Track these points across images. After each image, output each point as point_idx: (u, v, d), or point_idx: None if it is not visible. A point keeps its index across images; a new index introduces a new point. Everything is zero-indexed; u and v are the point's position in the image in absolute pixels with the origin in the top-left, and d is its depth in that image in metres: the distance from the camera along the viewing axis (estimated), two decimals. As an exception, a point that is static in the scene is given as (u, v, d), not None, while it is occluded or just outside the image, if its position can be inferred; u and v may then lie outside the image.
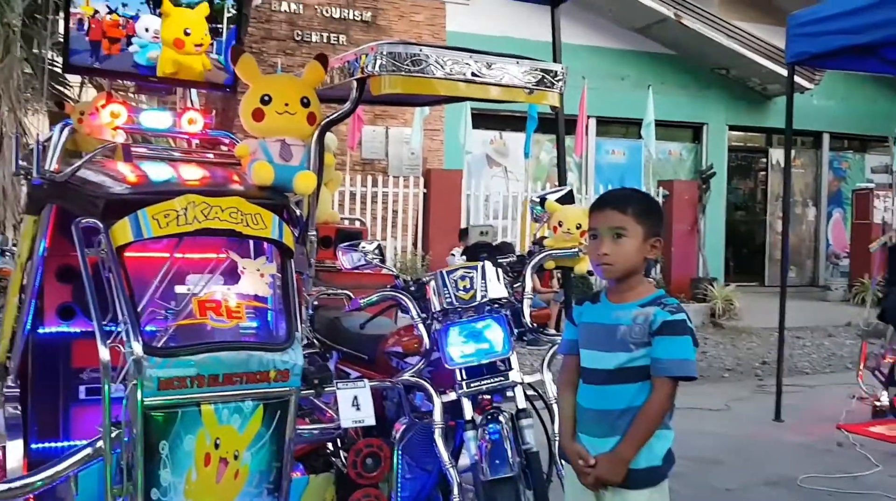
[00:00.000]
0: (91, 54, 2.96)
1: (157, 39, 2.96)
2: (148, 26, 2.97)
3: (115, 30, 2.94)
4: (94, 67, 3.04)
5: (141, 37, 2.97)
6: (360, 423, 2.51)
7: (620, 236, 2.18)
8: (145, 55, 2.98)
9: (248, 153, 2.62)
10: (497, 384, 2.67)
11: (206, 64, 3.04)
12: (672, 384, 2.13)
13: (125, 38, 2.97)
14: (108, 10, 2.93)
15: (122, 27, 2.96)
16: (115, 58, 2.97)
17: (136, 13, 2.97)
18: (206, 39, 2.98)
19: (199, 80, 3.05)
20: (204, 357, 2.21)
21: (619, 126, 13.83)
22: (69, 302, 2.95)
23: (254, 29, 10.56)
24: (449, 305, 2.67)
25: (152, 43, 2.97)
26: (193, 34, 2.92)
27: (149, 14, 2.98)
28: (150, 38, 2.96)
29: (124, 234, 2.26)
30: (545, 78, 2.73)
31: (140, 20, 2.96)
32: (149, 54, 2.98)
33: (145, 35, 2.97)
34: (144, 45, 2.98)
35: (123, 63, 2.98)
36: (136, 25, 2.96)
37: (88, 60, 2.97)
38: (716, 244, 13.61)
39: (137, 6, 2.97)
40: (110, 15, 2.93)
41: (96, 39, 2.95)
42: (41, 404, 2.92)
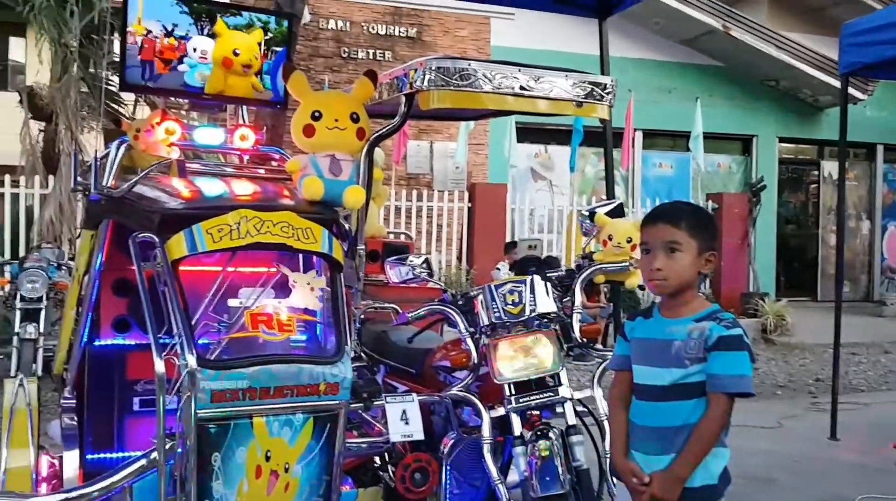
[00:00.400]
0: (144, 73, 3.04)
1: (204, 60, 3.03)
2: (197, 47, 3.05)
3: (171, 52, 3.03)
4: (149, 85, 3.11)
5: (191, 57, 3.05)
6: (409, 437, 2.51)
7: (674, 251, 2.15)
8: (194, 75, 3.06)
9: (298, 168, 2.65)
10: (546, 399, 2.64)
11: (257, 85, 3.11)
12: (729, 401, 2.09)
13: (177, 59, 3.05)
14: (165, 33, 3.01)
15: (176, 49, 3.04)
16: (167, 76, 3.04)
17: (186, 34, 3.05)
18: (256, 63, 3.04)
19: (241, 96, 3.10)
20: (256, 370, 2.23)
21: (666, 139, 13.69)
22: (125, 315, 3.01)
23: (301, 47, 10.70)
24: (497, 319, 2.66)
25: (201, 63, 3.04)
26: (242, 55, 2.99)
27: (199, 35, 3.05)
28: (198, 58, 3.04)
29: (179, 248, 2.30)
30: (594, 90, 2.71)
31: (191, 41, 3.05)
32: (197, 74, 3.05)
33: (194, 55, 3.05)
34: (194, 65, 3.06)
35: (174, 82, 3.06)
36: (187, 46, 3.04)
37: (143, 79, 3.05)
38: (767, 258, 13.35)
39: (187, 27, 3.05)
40: (168, 38, 3.01)
41: (148, 59, 3.03)
42: (97, 415, 2.98)
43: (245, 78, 3.05)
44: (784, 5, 15.28)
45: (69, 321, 3.08)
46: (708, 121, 11.82)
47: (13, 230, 9.38)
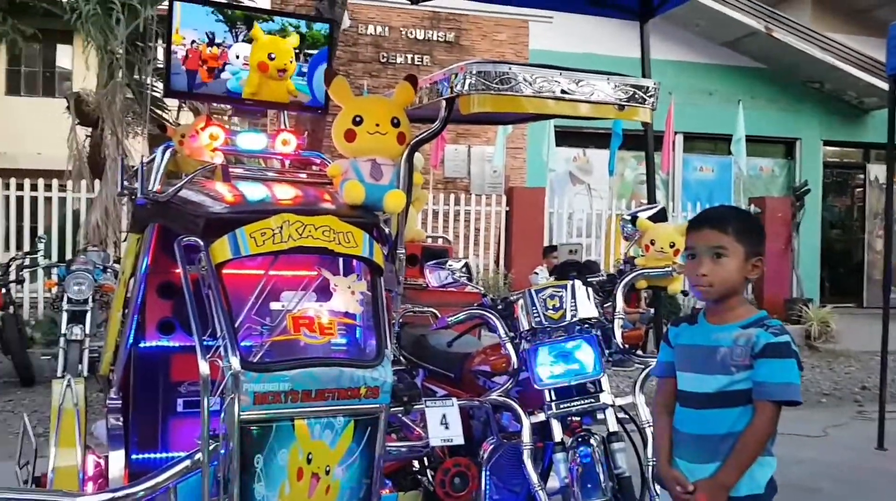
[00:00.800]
0: (189, 81, 3.10)
1: (247, 66, 3.07)
2: (239, 53, 3.10)
3: (214, 60, 3.08)
4: (193, 91, 3.17)
5: (233, 64, 3.10)
6: (449, 442, 2.51)
7: (720, 256, 2.12)
8: (237, 81, 3.11)
9: (339, 173, 2.67)
10: (587, 405, 2.62)
11: (292, 90, 3.13)
12: (775, 409, 2.05)
13: (220, 66, 3.10)
14: (208, 42, 3.05)
15: (220, 58, 3.09)
16: (211, 84, 3.09)
17: (224, 41, 3.10)
18: (291, 67, 3.07)
19: (284, 101, 3.14)
20: (297, 373, 2.25)
21: (707, 142, 13.52)
22: (169, 317, 3.06)
23: (340, 52, 10.79)
24: (538, 324, 2.64)
25: (243, 69, 3.09)
26: (277, 59, 3.02)
27: (240, 42, 3.10)
28: (241, 65, 3.09)
29: (223, 251, 2.33)
30: (636, 94, 2.69)
31: (232, 48, 3.09)
32: (241, 80, 3.10)
33: (236, 62, 3.10)
34: (236, 72, 3.11)
35: (218, 89, 3.11)
36: (229, 53, 3.09)
37: (187, 86, 3.11)
38: (811, 264, 13.10)
39: (223, 35, 3.09)
40: (210, 48, 3.06)
41: (193, 68, 3.08)
42: (142, 416, 3.03)
43: (280, 82, 3.08)
44: (828, 6, 15.02)
45: (115, 323, 3.14)
46: (750, 124, 11.65)
47: (60, 233, 9.60)
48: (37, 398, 6.84)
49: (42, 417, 6.06)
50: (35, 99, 15.10)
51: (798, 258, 12.14)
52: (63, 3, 9.52)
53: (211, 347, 2.24)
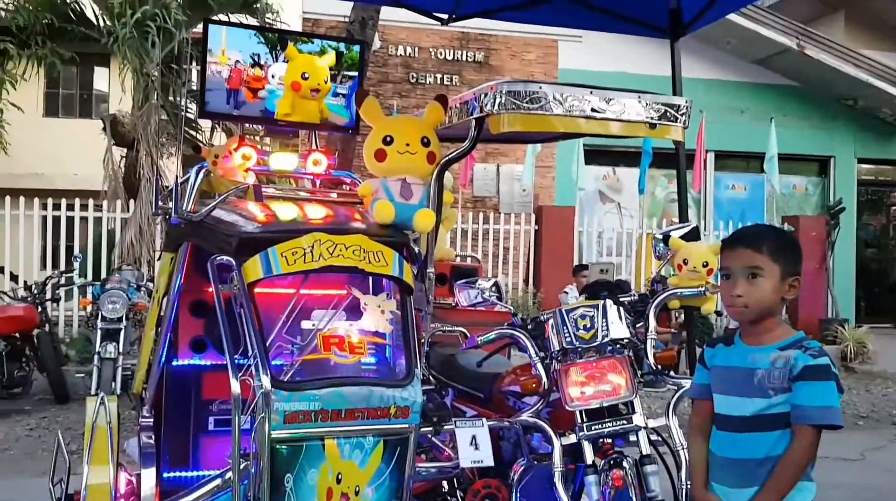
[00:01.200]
0: (227, 101, 3.13)
1: (282, 86, 3.09)
2: (275, 73, 3.11)
3: (257, 82, 3.12)
4: (229, 113, 3.21)
5: (270, 84, 3.11)
6: (479, 463, 2.49)
7: (755, 276, 2.08)
8: (273, 101, 3.12)
9: (370, 192, 2.68)
10: (619, 427, 2.59)
11: (324, 110, 3.15)
12: (815, 433, 2.00)
13: (262, 87, 3.14)
14: (254, 63, 3.10)
15: (263, 79, 3.13)
16: (251, 104, 3.13)
17: (268, 63, 3.13)
18: (325, 87, 3.07)
19: (316, 122, 3.16)
20: (327, 392, 2.25)
21: (738, 160, 13.39)
22: (201, 336, 3.08)
23: (371, 73, 10.88)
24: (569, 344, 2.62)
25: (279, 89, 3.10)
26: (311, 79, 3.02)
27: (279, 62, 3.12)
28: (277, 84, 3.10)
29: (255, 270, 2.34)
30: (668, 112, 2.67)
31: (270, 68, 3.11)
32: (276, 100, 3.11)
33: (273, 82, 3.11)
34: (272, 92, 3.12)
35: (254, 109, 3.14)
36: (268, 73, 3.11)
37: (224, 107, 3.14)
38: (846, 283, 12.87)
39: (265, 57, 3.12)
40: (253, 69, 3.10)
41: (235, 87, 3.12)
42: (173, 434, 3.04)
43: (314, 102, 3.09)
44: (861, 23, 14.86)
45: (148, 341, 3.16)
46: (783, 141, 11.54)
47: (95, 252, 9.75)
48: (70, 415, 6.92)
49: (76, 434, 6.13)
50: (72, 120, 15.42)
51: (833, 278, 11.94)
52: (100, 28, 9.74)
53: (242, 365, 2.25)
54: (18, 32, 9.66)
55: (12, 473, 5.37)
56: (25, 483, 4.89)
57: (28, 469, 5.41)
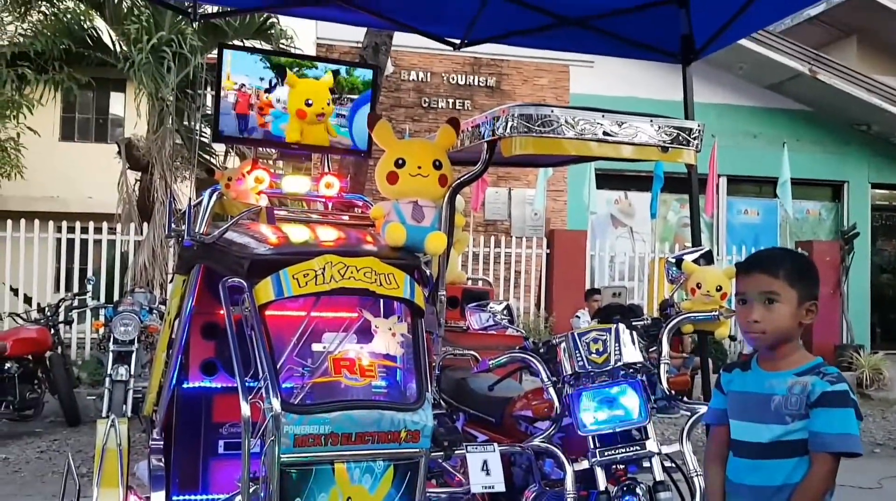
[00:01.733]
0: (238, 126, 3.16)
1: (287, 110, 3.12)
2: (280, 97, 3.14)
3: (269, 107, 3.15)
4: (241, 136, 3.23)
5: (275, 107, 3.14)
6: (491, 489, 2.46)
7: (772, 302, 2.05)
8: (279, 125, 3.14)
9: (382, 215, 2.69)
10: (632, 453, 2.55)
11: (331, 131, 3.18)
12: (833, 461, 1.97)
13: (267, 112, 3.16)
14: (268, 89, 3.13)
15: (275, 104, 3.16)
16: (257, 129, 3.15)
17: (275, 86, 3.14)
18: (329, 109, 3.11)
19: (326, 144, 3.18)
20: (338, 415, 2.23)
21: (751, 185, 13.35)
22: (212, 358, 3.08)
23: (383, 97, 10.96)
24: (581, 368, 2.60)
25: (284, 114, 3.13)
26: (315, 105, 3.05)
27: (283, 87, 3.14)
28: (282, 108, 3.14)
29: (266, 293, 2.34)
30: (680, 135, 2.67)
31: (273, 92, 3.14)
32: (282, 125, 3.14)
33: (277, 106, 3.14)
34: (278, 116, 3.15)
35: (262, 133, 3.16)
36: (272, 97, 3.14)
37: (236, 131, 3.17)
38: (861, 309, 12.74)
39: (270, 81, 3.14)
40: (267, 94, 3.14)
41: (243, 112, 3.15)
42: (183, 457, 3.03)
43: (320, 125, 3.12)
44: (874, 48, 14.86)
45: (160, 364, 3.16)
46: (796, 166, 11.50)
47: (108, 275, 9.80)
48: (81, 438, 6.92)
49: (86, 457, 6.12)
50: (87, 145, 15.56)
51: (847, 303, 11.83)
52: (116, 53, 9.86)
53: (253, 388, 2.24)
54: (36, 58, 9.80)
55: (22, 496, 5.36)
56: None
57: (38, 492, 5.40)
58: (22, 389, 6.84)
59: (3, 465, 6.14)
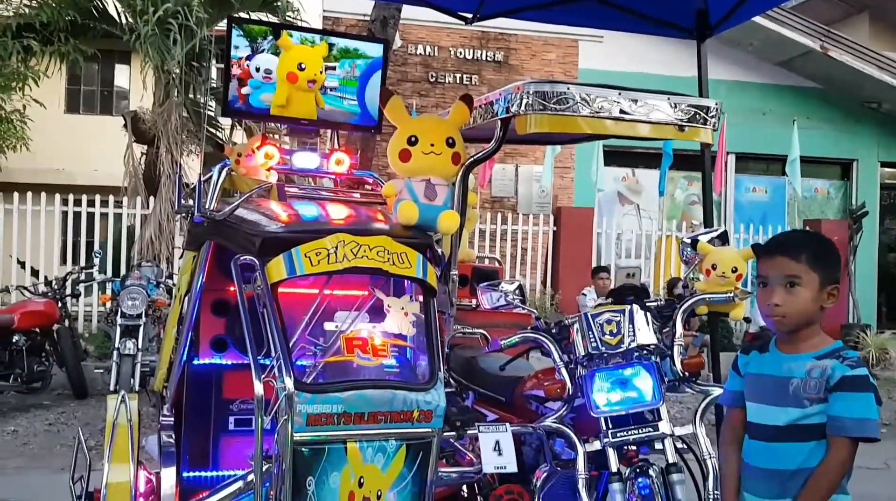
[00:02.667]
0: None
1: (269, 80, 2.96)
2: (259, 66, 2.96)
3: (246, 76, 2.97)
4: (249, 111, 3.17)
5: (254, 77, 2.97)
6: (503, 469, 2.45)
7: (794, 285, 2.02)
8: (258, 97, 2.99)
9: (394, 193, 2.66)
10: (645, 435, 2.54)
11: (320, 102, 3.04)
12: (852, 446, 1.95)
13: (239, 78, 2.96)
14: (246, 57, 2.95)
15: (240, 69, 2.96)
16: (237, 100, 3.00)
17: (248, 54, 2.95)
18: (320, 78, 2.98)
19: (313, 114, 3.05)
20: (350, 394, 2.23)
21: (759, 162, 13.27)
22: (222, 335, 3.07)
23: (390, 72, 10.79)
24: (594, 350, 2.58)
25: (265, 84, 2.97)
26: (308, 70, 2.92)
27: (262, 54, 2.98)
28: (262, 77, 2.97)
29: (279, 271, 2.32)
30: (697, 114, 2.62)
31: (253, 60, 2.96)
32: (262, 96, 2.99)
33: (257, 75, 2.97)
34: (258, 86, 2.99)
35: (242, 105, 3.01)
36: (250, 66, 2.96)
37: (242, 107, 3.11)
38: (868, 289, 12.72)
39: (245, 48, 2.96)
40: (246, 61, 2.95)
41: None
42: (194, 433, 3.03)
43: (309, 94, 2.99)
44: (886, 25, 14.69)
45: (170, 340, 3.16)
46: (805, 144, 11.41)
47: (115, 248, 9.80)
48: (89, 410, 6.96)
49: (94, 430, 6.17)
50: (93, 117, 15.51)
51: (855, 283, 11.80)
52: (122, 25, 9.78)
53: (265, 366, 2.23)
54: (42, 29, 9.72)
55: (32, 468, 5.40)
56: (44, 479, 4.91)
57: (47, 465, 5.44)
58: (29, 362, 6.86)
59: (11, 438, 6.18)
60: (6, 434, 6.24)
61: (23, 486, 4.87)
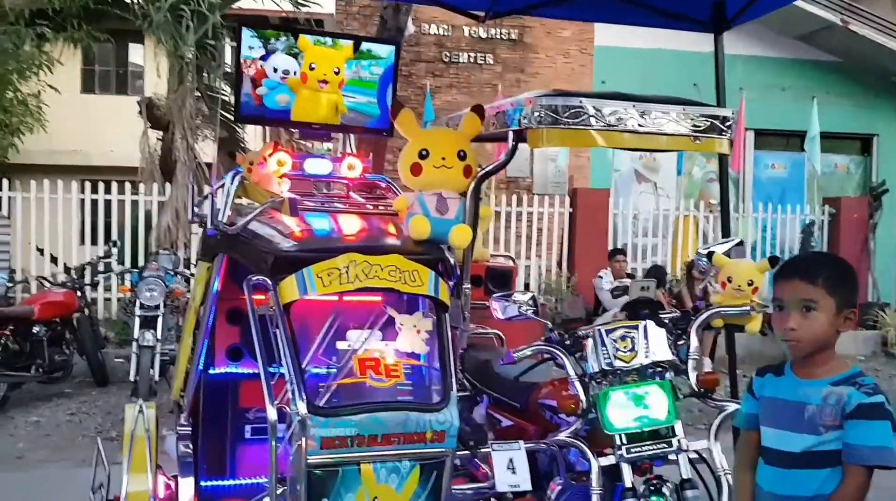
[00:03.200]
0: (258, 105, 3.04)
1: (285, 80, 2.90)
2: (277, 66, 2.89)
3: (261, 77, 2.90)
4: (263, 117, 3.14)
5: (270, 77, 2.91)
6: (516, 488, 2.47)
7: (810, 310, 2.00)
8: (274, 98, 2.93)
9: (405, 207, 2.65)
10: (660, 451, 2.54)
11: (341, 106, 2.99)
12: (867, 474, 1.95)
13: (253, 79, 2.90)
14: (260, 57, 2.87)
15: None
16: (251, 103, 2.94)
17: (263, 54, 2.87)
18: (335, 78, 2.92)
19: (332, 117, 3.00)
20: (364, 417, 2.24)
21: (779, 139, 13.08)
22: (237, 344, 3.09)
23: (404, 52, 10.77)
24: (608, 366, 2.57)
25: (281, 85, 2.91)
26: (318, 69, 2.86)
27: (279, 54, 2.90)
28: (279, 78, 2.90)
29: (291, 291, 2.33)
30: (713, 124, 2.58)
31: (269, 60, 2.89)
32: (277, 97, 2.93)
33: (273, 76, 2.90)
34: (274, 86, 2.92)
35: (257, 108, 2.95)
36: (266, 66, 2.90)
37: (256, 111, 3.08)
38: (888, 266, 12.54)
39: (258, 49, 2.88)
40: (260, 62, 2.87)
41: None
42: (211, 442, 3.07)
43: (323, 95, 2.93)
44: (910, -4, 14.34)
45: (186, 349, 3.17)
46: (825, 119, 11.22)
47: (133, 234, 9.84)
48: (110, 399, 7.06)
49: (115, 420, 6.27)
50: (108, 97, 15.53)
51: (874, 261, 11.67)
52: (135, 10, 9.75)
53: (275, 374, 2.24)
54: (54, 16, 9.71)
55: (54, 462, 5.48)
56: (66, 474, 4.99)
57: (69, 457, 5.53)
58: (50, 352, 6.94)
59: (34, 428, 6.29)
60: (29, 425, 6.34)
61: (45, 480, 4.94)
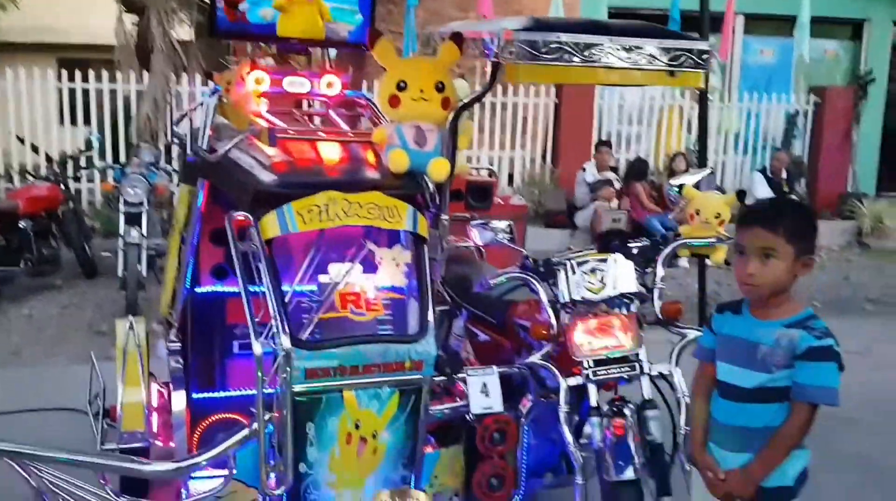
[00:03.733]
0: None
1: None
2: None
3: None
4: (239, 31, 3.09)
5: None
6: (490, 410, 2.64)
7: (769, 257, 2.10)
8: (257, 12, 2.91)
9: (384, 139, 2.68)
10: (625, 374, 2.71)
11: (326, 13, 2.96)
12: (812, 410, 2.12)
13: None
14: None
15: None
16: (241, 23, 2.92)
17: None
18: None
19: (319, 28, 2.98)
20: (345, 350, 2.38)
21: (769, 23, 12.80)
22: (222, 263, 3.18)
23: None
24: (578, 298, 2.69)
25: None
26: None
27: None
28: None
29: (272, 228, 2.41)
30: (690, 58, 2.59)
31: None
32: (260, 11, 2.91)
33: None
34: (255, 2, 2.90)
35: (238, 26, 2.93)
36: None
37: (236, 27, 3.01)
38: (869, 156, 12.63)
39: None
40: None
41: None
42: (200, 357, 3.21)
43: (310, 5, 2.90)
44: None
45: (172, 269, 3.27)
46: (816, 3, 10.94)
47: (113, 122, 9.68)
48: (99, 291, 7.20)
49: (105, 313, 6.44)
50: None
51: (856, 151, 11.73)
52: None
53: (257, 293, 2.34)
54: None
55: (48, 358, 5.65)
56: (63, 372, 5.15)
57: (63, 352, 5.70)
58: (38, 245, 7.01)
59: (26, 321, 6.43)
60: (21, 319, 6.49)
61: (43, 378, 5.08)
